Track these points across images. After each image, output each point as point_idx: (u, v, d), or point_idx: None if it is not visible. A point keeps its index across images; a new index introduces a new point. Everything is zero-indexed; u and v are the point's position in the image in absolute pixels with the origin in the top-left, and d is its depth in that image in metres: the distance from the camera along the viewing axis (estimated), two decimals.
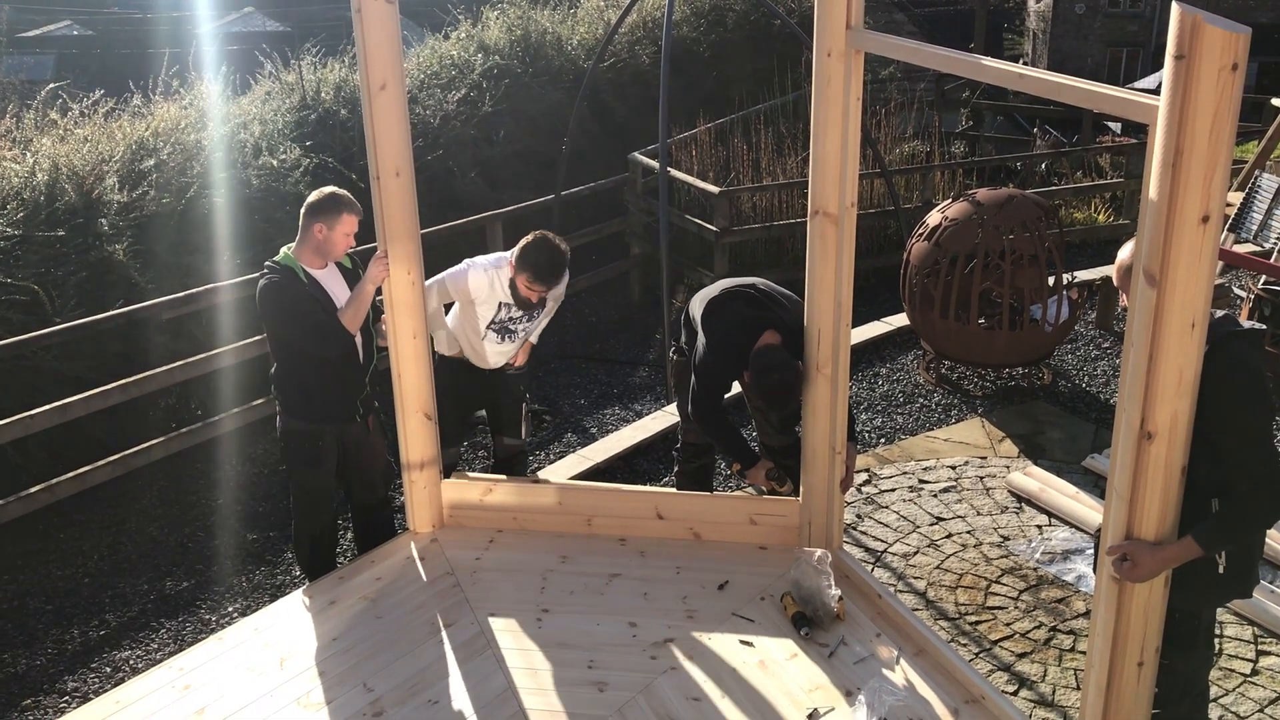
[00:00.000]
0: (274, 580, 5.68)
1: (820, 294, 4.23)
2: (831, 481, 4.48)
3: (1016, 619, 4.83)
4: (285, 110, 8.89)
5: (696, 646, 4.07)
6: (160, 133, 7.96)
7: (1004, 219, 6.93)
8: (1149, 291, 2.81)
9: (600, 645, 4.10)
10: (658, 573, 4.56)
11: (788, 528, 4.68)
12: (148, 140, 7.84)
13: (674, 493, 5.18)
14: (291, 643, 4.18)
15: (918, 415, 6.92)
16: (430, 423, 4.73)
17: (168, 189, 7.57)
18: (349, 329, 4.50)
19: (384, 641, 4.15)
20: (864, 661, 3.96)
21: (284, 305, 4.45)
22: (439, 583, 4.52)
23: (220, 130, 8.19)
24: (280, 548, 5.97)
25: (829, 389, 4.35)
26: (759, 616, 4.23)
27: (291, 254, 4.52)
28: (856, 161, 4.05)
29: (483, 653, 4.05)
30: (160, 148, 7.80)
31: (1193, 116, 2.63)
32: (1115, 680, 3.20)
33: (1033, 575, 5.14)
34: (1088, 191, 10.84)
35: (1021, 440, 6.50)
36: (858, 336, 7.82)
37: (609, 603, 4.36)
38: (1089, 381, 7.30)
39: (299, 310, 4.44)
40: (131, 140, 7.79)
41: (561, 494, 4.92)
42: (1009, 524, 5.58)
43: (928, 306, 7.09)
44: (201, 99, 8.67)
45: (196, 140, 7.99)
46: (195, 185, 7.65)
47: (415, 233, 4.45)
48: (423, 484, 4.81)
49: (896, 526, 5.59)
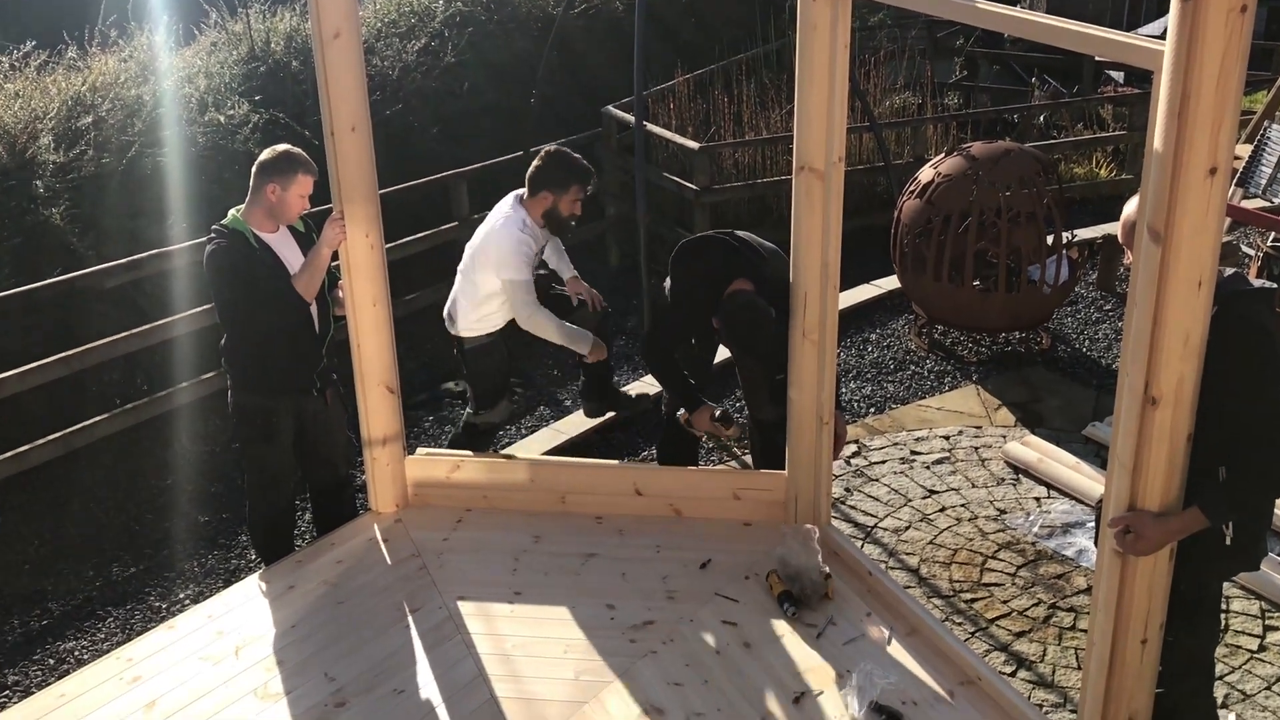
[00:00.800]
0: (228, 565, 5.66)
1: (806, 255, 4.22)
2: (819, 453, 4.49)
3: (1014, 596, 4.87)
4: (233, 62, 8.77)
5: (678, 629, 4.08)
6: (98, 88, 7.84)
7: (1000, 174, 6.93)
8: (1153, 249, 2.81)
9: (576, 629, 4.11)
10: (636, 552, 4.57)
11: (773, 503, 4.69)
12: (85, 96, 7.73)
13: (653, 468, 5.18)
14: (248, 630, 4.16)
15: (909, 383, 6.94)
16: (393, 396, 4.70)
17: (107, 148, 7.47)
18: (304, 297, 4.47)
19: (346, 628, 4.14)
20: (854, 642, 3.98)
21: (234, 272, 4.41)
22: (404, 565, 4.51)
23: (163, 84, 8.08)
24: (235, 530, 5.94)
25: (816, 356, 4.35)
26: (743, 596, 4.25)
27: (240, 217, 4.48)
28: (844, 114, 4.03)
29: (451, 638, 4.05)
30: (99, 104, 7.69)
31: (1200, 61, 2.62)
32: (1117, 659, 3.23)
33: (1031, 550, 5.18)
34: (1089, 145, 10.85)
35: (1018, 408, 6.53)
36: (846, 300, 7.82)
37: (585, 584, 4.37)
38: (1090, 346, 7.34)
39: (251, 277, 4.40)
40: (67, 96, 7.67)
41: (533, 470, 4.91)
42: (1005, 496, 5.61)
43: (920, 268, 7.09)
44: (142, 51, 8.54)
45: (138, 95, 7.88)
46: (137, 144, 7.55)
47: (373, 193, 4.41)
48: (385, 461, 4.80)
49: (887, 500, 5.61)
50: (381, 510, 4.89)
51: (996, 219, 6.88)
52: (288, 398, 4.65)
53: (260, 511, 4.84)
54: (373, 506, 4.90)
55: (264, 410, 4.62)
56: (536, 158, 5.18)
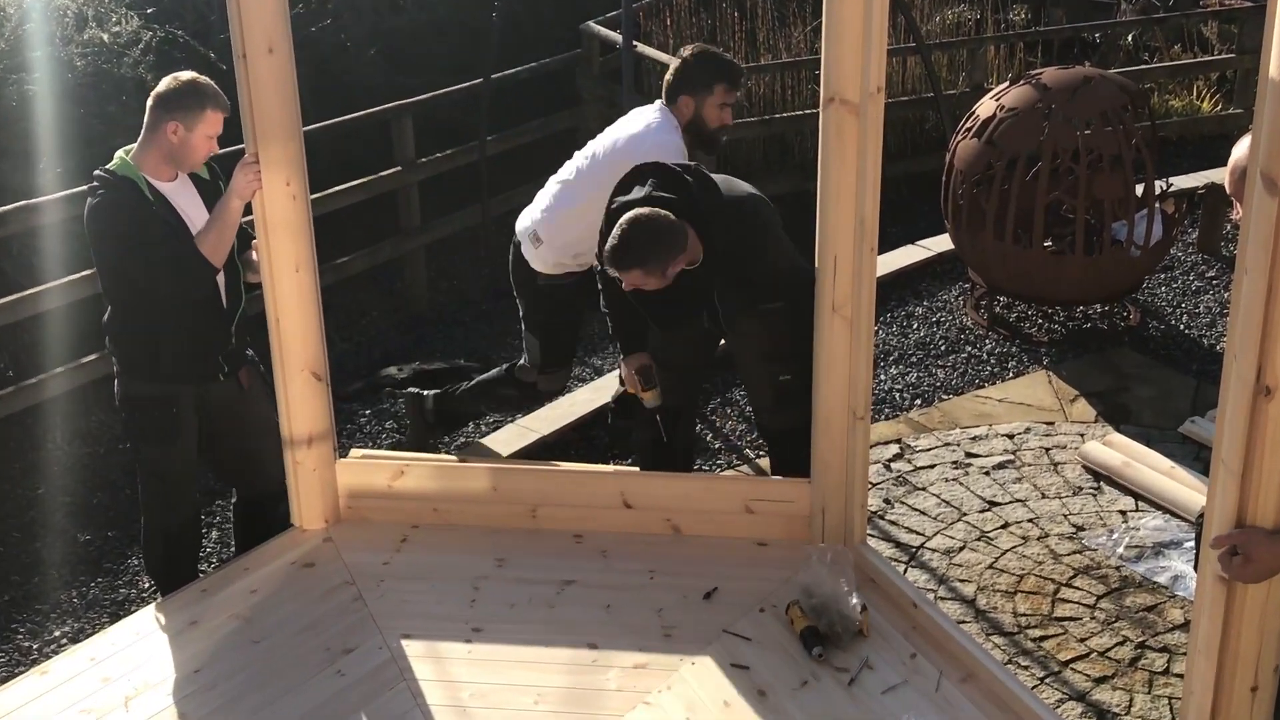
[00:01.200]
0: (114, 595, 5.65)
1: (836, 209, 4.22)
2: (851, 456, 4.50)
3: (1094, 633, 4.89)
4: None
5: (677, 674, 4.09)
6: None
7: (1078, 108, 6.93)
8: (1269, 201, 2.81)
9: (550, 674, 4.11)
10: (625, 578, 4.58)
11: (794, 517, 4.70)
12: None
13: (645, 474, 5.18)
14: (140, 677, 4.16)
15: (964, 368, 6.95)
16: (320, 384, 4.70)
17: None
18: (211, 260, 4.47)
19: (263, 674, 4.14)
20: (895, 690, 3.99)
21: (122, 231, 4.40)
22: (335, 595, 4.51)
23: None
24: (124, 551, 5.94)
25: (848, 335, 4.35)
26: (757, 634, 4.26)
27: (131, 160, 4.46)
28: (884, 34, 4.02)
29: (394, 686, 4.05)
30: None
31: None
32: (1221, 710, 3.24)
33: (1115, 576, 5.20)
34: (1188, 71, 10.86)
35: (1100, 400, 6.55)
36: (886, 265, 7.83)
37: (561, 618, 4.37)
38: (1189, 322, 7.36)
39: (145, 237, 4.40)
40: None
41: (497, 477, 4.91)
42: (1083, 510, 5.63)
43: (978, 225, 7.09)
44: None
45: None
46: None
47: (295, 129, 4.40)
48: (311, 465, 4.80)
49: (937, 514, 5.63)
50: (307, 526, 4.89)
51: (1073, 164, 6.88)
52: (188, 385, 4.65)
53: (156, 527, 4.83)
54: (296, 522, 4.90)
55: (159, 402, 4.62)
56: (689, 51, 5.25)
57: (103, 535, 6.08)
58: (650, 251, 4.46)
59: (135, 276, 4.45)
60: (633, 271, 4.49)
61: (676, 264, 4.52)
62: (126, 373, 4.64)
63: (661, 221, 4.47)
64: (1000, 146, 6.97)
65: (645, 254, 4.46)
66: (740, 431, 6.43)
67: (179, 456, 4.73)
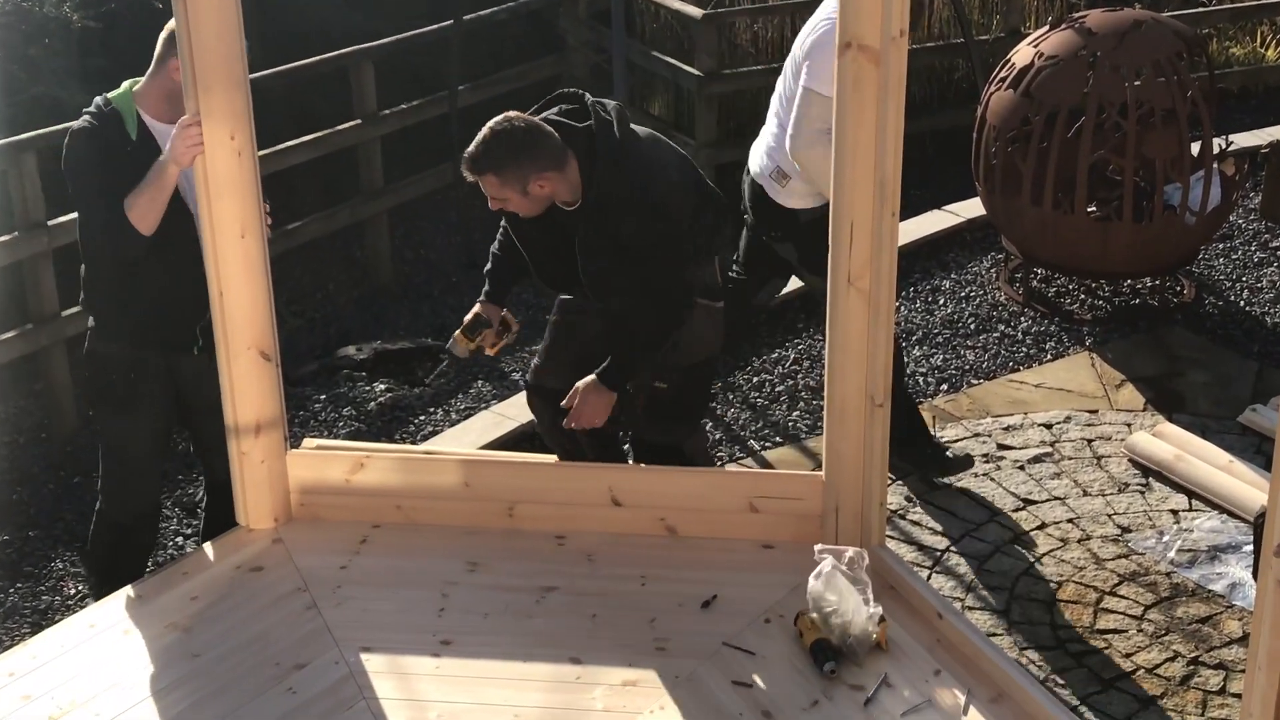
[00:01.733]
0: (36, 602, 5.66)
1: (853, 169, 4.22)
2: (870, 447, 4.51)
3: (1141, 647, 4.90)
4: None
5: (671, 692, 4.09)
6: None
7: (1127, 56, 6.93)
8: None
9: (529, 692, 4.11)
10: (613, 584, 4.58)
11: (805, 516, 4.71)
12: None
13: (637, 469, 5.19)
14: (65, 694, 4.16)
15: (996, 349, 6.96)
16: (268, 365, 4.69)
17: None
18: (137, 226, 4.55)
19: (204, 691, 4.14)
20: (917, 711, 4.00)
21: (82, 169, 4.59)
22: (285, 603, 4.51)
23: None
24: (45, 553, 5.95)
25: (866, 311, 4.35)
26: (762, 647, 4.26)
27: (135, 93, 4.64)
28: None
29: (352, 705, 4.06)
30: None
31: None
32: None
33: (1165, 583, 5.21)
34: (1252, 14, 10.85)
35: (1149, 385, 6.56)
36: (908, 233, 7.83)
37: (541, 629, 4.38)
38: (1249, 298, 7.37)
39: (102, 183, 4.54)
40: None
41: (469, 470, 4.91)
42: (1130, 508, 5.64)
43: (1013, 188, 7.09)
44: None
45: None
46: None
47: (241, 77, 4.38)
48: (258, 457, 4.79)
49: (965, 514, 5.64)
50: (254, 526, 4.88)
51: (1121, 119, 6.88)
52: (155, 354, 4.77)
53: (108, 515, 4.95)
54: (241, 521, 4.89)
55: (121, 364, 4.74)
56: None
57: (22, 536, 6.08)
58: (508, 158, 4.50)
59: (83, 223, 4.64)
60: (487, 177, 4.55)
61: (541, 183, 4.55)
62: (94, 327, 4.80)
63: (529, 131, 4.52)
64: (1039, 99, 6.96)
65: (501, 159, 4.50)
66: (744, 420, 6.44)
67: (139, 434, 4.84)
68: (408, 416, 6.89)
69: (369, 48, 8.33)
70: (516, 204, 4.61)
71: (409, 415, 6.90)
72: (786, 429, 6.39)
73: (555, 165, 4.55)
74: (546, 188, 4.58)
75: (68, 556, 5.92)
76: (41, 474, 6.46)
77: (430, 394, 7.05)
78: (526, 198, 4.58)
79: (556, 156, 4.54)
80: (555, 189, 4.60)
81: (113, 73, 6.65)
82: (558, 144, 4.55)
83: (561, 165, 4.56)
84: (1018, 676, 4.09)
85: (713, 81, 8.99)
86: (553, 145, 4.54)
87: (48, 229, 6.64)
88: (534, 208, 4.63)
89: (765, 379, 6.77)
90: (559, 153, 4.55)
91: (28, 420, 6.81)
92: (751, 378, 6.78)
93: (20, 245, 6.61)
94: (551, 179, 4.56)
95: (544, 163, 4.52)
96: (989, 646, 4.23)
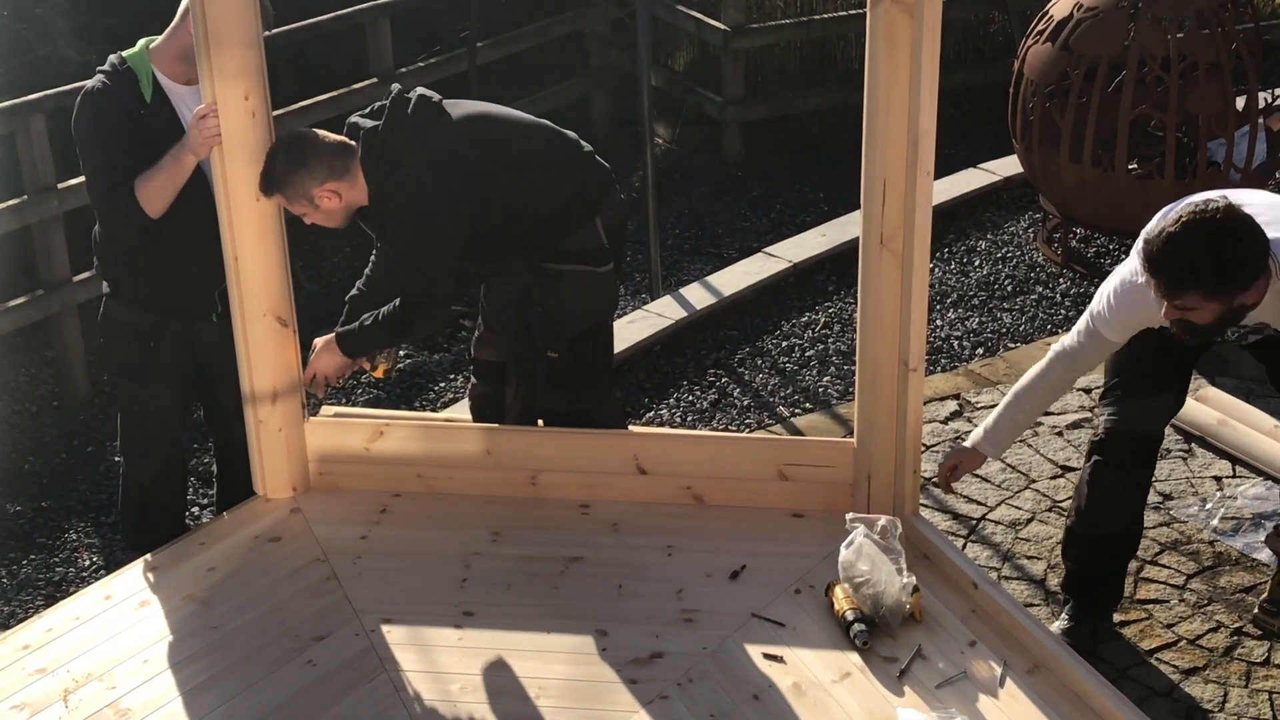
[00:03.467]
0: (50, 574, 5.69)
1: (886, 126, 4.20)
2: (903, 414, 4.50)
3: (1183, 618, 4.90)
4: None
5: (700, 665, 4.10)
6: None
7: (1168, 6, 6.88)
8: None
9: (553, 665, 4.12)
10: (639, 555, 4.59)
11: (835, 484, 4.71)
12: None
13: (663, 433, 5.19)
14: (80, 667, 4.18)
15: (1034, 312, 6.94)
16: (285, 331, 4.71)
17: None
18: (145, 208, 4.59)
19: (222, 664, 4.16)
20: (952, 683, 4.01)
21: (92, 136, 4.61)
22: (305, 575, 4.53)
23: None
24: (60, 525, 5.98)
25: (898, 272, 4.34)
26: (792, 619, 4.27)
27: (150, 51, 4.64)
28: None
29: (373, 678, 4.07)
30: None
31: None
32: None
33: (1208, 552, 5.20)
34: None
35: None
36: (943, 192, 7.80)
37: (565, 601, 4.39)
38: None
39: (110, 148, 4.57)
40: None
41: (491, 438, 4.92)
42: (1172, 475, 5.63)
43: (1051, 145, 7.06)
44: None
45: None
46: None
47: (255, 34, 4.38)
48: (276, 425, 4.81)
49: (1001, 481, 5.64)
50: (271, 495, 4.90)
51: (1163, 73, 6.84)
52: (174, 321, 4.81)
53: (132, 478, 5.01)
54: (259, 490, 4.92)
55: (137, 332, 4.78)
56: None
57: (35, 506, 6.11)
58: (284, 176, 4.47)
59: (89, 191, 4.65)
60: (275, 197, 4.54)
61: (325, 194, 4.53)
62: (109, 294, 4.83)
63: (300, 144, 4.50)
64: (1078, 52, 6.92)
65: (279, 178, 4.48)
66: (773, 386, 6.44)
67: (156, 399, 4.88)
68: (427, 383, 6.91)
69: (384, 3, 8.31)
70: (315, 217, 4.60)
71: (428, 382, 6.92)
72: (817, 395, 6.38)
73: (334, 174, 4.51)
74: (335, 199, 4.55)
75: (82, 527, 5.96)
76: (54, 443, 6.49)
77: (450, 360, 7.06)
78: (320, 210, 4.57)
79: (333, 165, 4.50)
80: (349, 197, 4.57)
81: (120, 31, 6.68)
82: (331, 152, 4.51)
83: (342, 173, 4.53)
84: (1055, 648, 4.09)
85: (740, 36, 8.96)
86: (325, 155, 4.50)
87: (58, 192, 6.65)
88: (333, 219, 4.62)
89: (795, 343, 6.76)
90: (336, 161, 4.51)
91: (39, 388, 6.84)
92: (780, 342, 6.77)
93: (29, 209, 6.62)
94: (338, 187, 4.53)
95: (321, 174, 4.48)
96: (1026, 617, 4.23)
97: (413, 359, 7.06)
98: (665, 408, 6.41)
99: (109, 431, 6.31)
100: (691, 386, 6.49)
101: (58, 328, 6.83)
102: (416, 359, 7.08)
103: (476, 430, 4.97)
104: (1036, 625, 4.21)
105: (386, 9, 8.28)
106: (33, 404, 6.79)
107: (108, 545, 5.84)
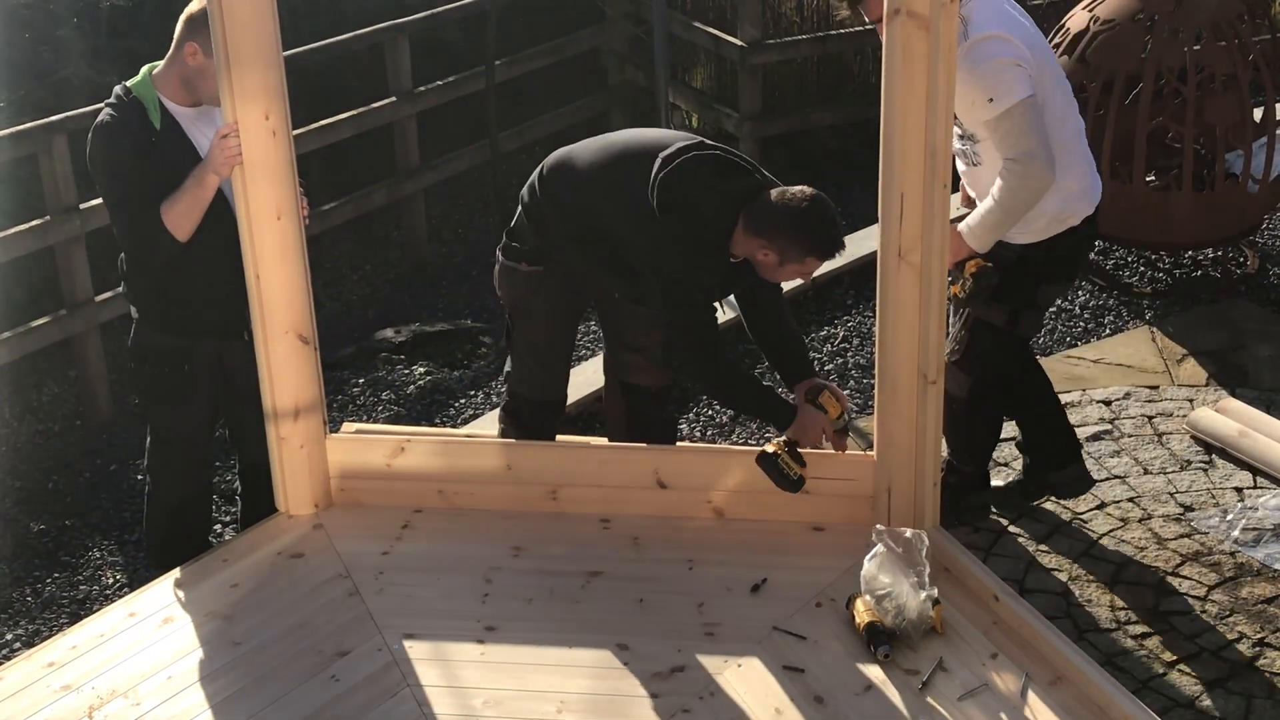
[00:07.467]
0: (74, 592, 5.71)
1: (903, 139, 4.21)
2: (923, 425, 4.51)
3: (1205, 629, 4.89)
4: None
5: (720, 678, 4.11)
6: None
7: (1186, 18, 6.88)
8: None
9: (574, 679, 4.13)
10: (660, 569, 4.60)
11: (856, 497, 4.71)
12: None
13: (685, 448, 5.20)
14: (105, 684, 4.20)
15: (1053, 324, 6.93)
16: (307, 349, 4.73)
17: None
18: (173, 232, 4.61)
19: (246, 680, 4.17)
20: (974, 695, 4.01)
21: (108, 163, 4.62)
22: (327, 590, 4.55)
23: None
24: (84, 542, 6.00)
25: (917, 284, 4.35)
26: (814, 631, 4.27)
27: (154, 78, 4.66)
28: None
29: (396, 693, 4.09)
30: None
31: None
32: None
33: (1229, 563, 5.19)
34: None
35: (1212, 359, 6.52)
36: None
37: (587, 615, 4.39)
38: None
39: (128, 180, 4.59)
40: None
41: (512, 453, 4.93)
42: (1193, 486, 5.62)
43: None
44: None
45: None
46: None
47: (275, 54, 4.41)
48: (298, 441, 4.83)
49: None
50: (294, 512, 4.92)
51: (1180, 85, 6.84)
52: (206, 341, 4.84)
53: (159, 499, 5.02)
54: (281, 507, 4.93)
55: (171, 356, 4.81)
56: None
57: (59, 524, 6.13)
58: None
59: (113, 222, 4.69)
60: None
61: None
62: (139, 319, 4.85)
63: None
64: (1095, 65, 6.93)
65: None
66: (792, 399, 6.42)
67: (189, 420, 4.91)
68: (448, 400, 6.93)
69: (404, 22, 8.35)
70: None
71: (449, 399, 6.93)
72: None
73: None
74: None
75: (106, 545, 5.98)
76: (78, 461, 6.51)
77: (470, 377, 7.07)
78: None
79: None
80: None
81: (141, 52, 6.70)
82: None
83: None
84: (1077, 659, 4.08)
85: (756, 52, 8.97)
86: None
87: (80, 212, 6.67)
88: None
89: (814, 357, 6.76)
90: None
91: (62, 407, 6.87)
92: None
93: (52, 230, 6.65)
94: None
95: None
96: (1047, 629, 4.22)
97: (433, 376, 7.08)
98: (685, 422, 6.41)
99: (132, 450, 6.33)
100: (711, 401, 6.50)
101: (80, 347, 6.85)
102: (436, 376, 7.09)
103: (497, 445, 4.98)
104: (1059, 637, 4.20)
105: (405, 29, 8.32)
106: (56, 423, 6.82)
107: (131, 563, 5.86)
